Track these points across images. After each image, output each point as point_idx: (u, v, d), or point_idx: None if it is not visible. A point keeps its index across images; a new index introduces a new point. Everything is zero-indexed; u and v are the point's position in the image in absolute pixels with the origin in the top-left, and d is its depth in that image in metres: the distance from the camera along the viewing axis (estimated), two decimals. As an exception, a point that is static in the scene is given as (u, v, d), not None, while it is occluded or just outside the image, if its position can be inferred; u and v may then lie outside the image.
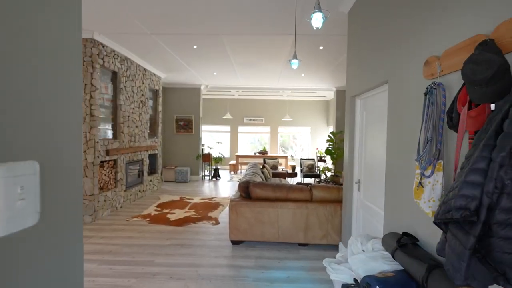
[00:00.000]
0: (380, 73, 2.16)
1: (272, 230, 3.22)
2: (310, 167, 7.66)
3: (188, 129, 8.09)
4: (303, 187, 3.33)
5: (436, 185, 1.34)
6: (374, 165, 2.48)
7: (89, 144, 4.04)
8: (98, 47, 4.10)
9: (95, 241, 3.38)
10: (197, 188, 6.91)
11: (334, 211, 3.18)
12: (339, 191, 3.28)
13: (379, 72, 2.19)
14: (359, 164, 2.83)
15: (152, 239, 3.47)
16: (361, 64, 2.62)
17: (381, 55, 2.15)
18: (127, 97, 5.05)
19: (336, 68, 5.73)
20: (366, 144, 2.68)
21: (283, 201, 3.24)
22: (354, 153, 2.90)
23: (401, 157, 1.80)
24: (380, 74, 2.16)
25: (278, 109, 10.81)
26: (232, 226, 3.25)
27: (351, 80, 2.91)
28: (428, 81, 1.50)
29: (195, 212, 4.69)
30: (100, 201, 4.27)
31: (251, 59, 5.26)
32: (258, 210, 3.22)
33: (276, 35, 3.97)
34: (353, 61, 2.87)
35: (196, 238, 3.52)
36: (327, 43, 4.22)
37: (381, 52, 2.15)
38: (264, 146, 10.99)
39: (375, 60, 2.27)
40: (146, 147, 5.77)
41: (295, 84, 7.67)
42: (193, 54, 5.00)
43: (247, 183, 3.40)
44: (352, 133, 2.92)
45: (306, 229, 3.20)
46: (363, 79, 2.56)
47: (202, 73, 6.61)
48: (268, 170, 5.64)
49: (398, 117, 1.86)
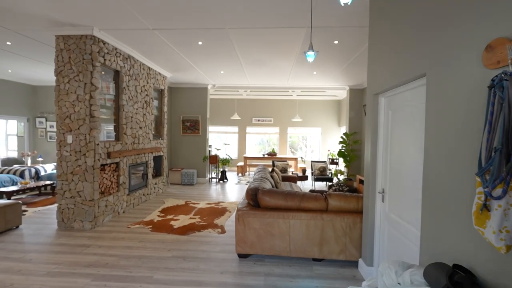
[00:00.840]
0: (415, 65, 1.81)
1: (283, 243, 2.90)
2: (322, 170, 7.28)
3: (194, 130, 7.86)
4: (318, 196, 3.00)
5: (509, 211, 1.00)
6: (403, 174, 2.12)
7: (88, 147, 3.83)
8: (98, 44, 3.89)
9: (93, 251, 3.15)
10: (204, 192, 6.65)
11: (353, 223, 2.84)
12: (358, 200, 2.93)
13: (412, 64, 1.85)
14: (383, 171, 2.47)
15: (153, 250, 3.22)
16: (387, 57, 2.27)
17: (415, 43, 1.80)
18: (130, 97, 4.83)
19: (351, 64, 5.35)
20: (392, 149, 2.33)
21: (295, 211, 2.92)
22: (377, 158, 2.54)
23: (446, 167, 1.45)
24: (414, 67, 1.81)
25: (287, 109, 10.47)
26: (238, 238, 2.95)
27: (374, 76, 2.56)
28: (490, 71, 1.15)
29: (200, 218, 4.42)
30: (100, 206, 4.05)
31: (259, 56, 4.95)
32: (267, 220, 2.90)
33: (287, 28, 3.65)
34: (376, 54, 2.52)
35: (200, 250, 3.24)
36: (343, 36, 3.86)
37: (416, 40, 1.80)
38: (273, 147, 10.66)
39: (407, 50, 1.92)
40: (150, 149, 5.55)
41: (305, 83, 7.32)
42: (199, 51, 4.74)
43: (255, 190, 3.10)
44: (374, 136, 2.57)
45: (321, 243, 2.86)
46: (389, 74, 2.21)
47: (208, 72, 6.35)
48: (278, 174, 5.32)
49: (441, 118, 1.51)
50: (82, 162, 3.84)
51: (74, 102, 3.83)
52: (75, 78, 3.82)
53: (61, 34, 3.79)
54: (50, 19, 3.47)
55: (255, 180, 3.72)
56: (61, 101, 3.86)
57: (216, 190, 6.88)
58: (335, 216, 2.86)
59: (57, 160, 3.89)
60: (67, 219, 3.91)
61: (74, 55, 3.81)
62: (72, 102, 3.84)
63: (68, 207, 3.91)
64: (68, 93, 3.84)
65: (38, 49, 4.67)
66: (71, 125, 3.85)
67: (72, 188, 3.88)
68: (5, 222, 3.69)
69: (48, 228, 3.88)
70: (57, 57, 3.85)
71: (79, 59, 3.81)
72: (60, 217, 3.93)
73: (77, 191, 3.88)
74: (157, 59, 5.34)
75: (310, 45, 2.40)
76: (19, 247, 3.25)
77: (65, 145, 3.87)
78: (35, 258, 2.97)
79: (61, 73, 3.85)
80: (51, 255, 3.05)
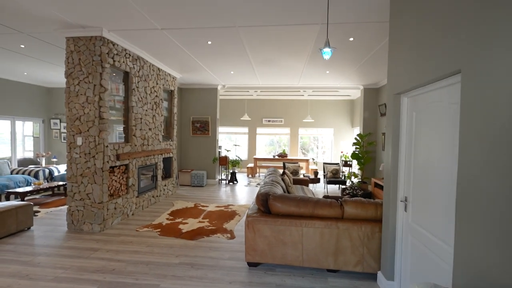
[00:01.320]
0: (446, 60, 1.62)
1: (295, 252, 2.73)
2: (335, 173, 7.04)
3: (204, 131, 7.79)
4: (333, 202, 2.82)
5: None
6: (430, 180, 1.92)
7: (98, 149, 3.80)
8: (107, 46, 3.86)
9: (100, 255, 3.10)
10: (213, 193, 6.57)
11: (372, 233, 2.64)
12: (377, 207, 2.73)
13: (443, 60, 1.65)
14: (406, 177, 2.27)
15: (161, 255, 3.13)
16: (411, 53, 2.07)
17: (448, 36, 1.60)
18: (139, 98, 4.80)
19: (366, 63, 5.11)
20: (417, 153, 2.13)
21: (309, 219, 2.75)
22: (399, 163, 2.34)
23: (488, 172, 1.26)
24: (446, 62, 1.62)
25: (298, 109, 10.26)
26: (248, 245, 2.81)
27: (395, 75, 2.36)
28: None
29: (209, 222, 4.31)
30: (110, 208, 4.02)
31: (270, 55, 4.80)
32: (279, 228, 2.75)
33: (300, 26, 3.49)
34: (397, 50, 2.32)
35: (209, 256, 3.13)
36: (359, 33, 3.66)
37: (448, 33, 1.60)
38: (284, 148, 10.47)
39: (437, 44, 1.73)
40: (160, 150, 5.50)
41: (318, 82, 7.10)
42: (208, 51, 4.64)
43: (266, 195, 2.95)
44: (396, 139, 2.37)
45: (337, 253, 2.68)
46: (414, 72, 2.01)
47: (218, 72, 6.26)
48: (289, 177, 5.14)
49: (482, 120, 1.31)
50: (92, 164, 3.82)
51: (83, 104, 3.81)
52: (84, 80, 3.80)
53: (71, 36, 3.78)
54: (60, 21, 3.46)
55: (266, 184, 3.57)
56: (71, 103, 3.85)
57: (225, 192, 6.78)
58: (351, 225, 2.67)
59: (67, 162, 3.88)
60: (77, 221, 3.90)
61: (84, 57, 3.79)
62: (82, 104, 3.82)
63: (78, 209, 3.89)
64: (78, 95, 3.83)
65: (51, 52, 4.71)
66: (81, 127, 3.83)
67: (82, 190, 3.86)
68: (16, 224, 3.71)
69: (58, 230, 3.88)
70: (67, 59, 3.85)
71: (88, 60, 3.78)
72: (70, 219, 3.92)
73: (86, 193, 3.85)
74: (166, 60, 5.29)
75: (327, 42, 2.22)
76: (29, 250, 3.24)
77: (75, 147, 3.86)
78: (43, 261, 2.94)
79: (71, 75, 3.84)
80: (59, 258, 3.01)
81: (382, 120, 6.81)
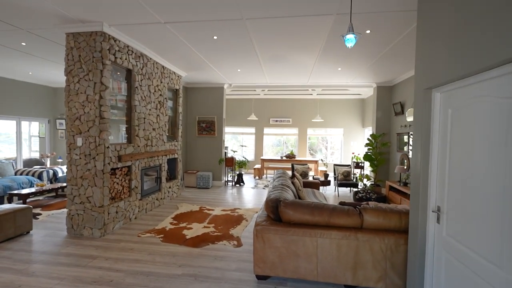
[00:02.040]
0: (494, 48, 1.33)
1: (309, 265, 2.47)
2: (346, 175, 6.72)
3: (210, 131, 7.58)
4: (351, 210, 2.54)
5: None
6: (472, 188, 1.63)
7: (98, 150, 3.61)
8: (109, 42, 3.67)
9: (99, 264, 2.90)
10: (219, 196, 6.34)
11: (396, 246, 2.35)
12: (401, 217, 2.43)
13: (489, 47, 1.36)
14: (439, 185, 1.98)
15: (162, 265, 2.91)
16: (446, 41, 1.78)
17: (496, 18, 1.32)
18: (143, 97, 4.61)
19: (383, 57, 4.79)
20: (454, 157, 1.83)
21: (324, 228, 2.48)
22: (430, 168, 2.05)
23: None
24: (494, 50, 1.33)
25: (307, 109, 9.96)
26: (257, 257, 2.55)
27: (425, 67, 2.07)
28: None
29: (214, 228, 4.08)
30: (111, 212, 3.83)
31: (279, 50, 4.54)
32: (291, 238, 2.49)
33: (312, 17, 3.22)
34: (428, 38, 2.03)
35: (213, 266, 2.89)
36: (377, 24, 3.36)
37: (497, 14, 1.32)
38: (292, 149, 10.18)
39: (481, 28, 1.44)
40: (164, 151, 5.31)
41: (328, 80, 6.80)
42: (214, 46, 4.41)
43: (276, 201, 2.69)
44: (426, 140, 2.08)
45: (355, 267, 2.40)
46: (452, 62, 1.73)
47: (224, 70, 6.04)
48: (299, 180, 4.86)
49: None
50: (92, 166, 3.63)
51: (83, 102, 3.63)
52: (84, 78, 3.63)
53: (71, 32, 3.61)
54: (59, 15, 3.28)
55: (275, 189, 3.31)
56: (71, 102, 3.68)
57: (232, 195, 6.54)
58: (372, 236, 2.38)
59: (67, 164, 3.71)
60: (77, 225, 3.72)
61: (84, 53, 3.61)
62: (82, 102, 3.64)
63: (78, 213, 3.72)
64: (78, 93, 3.65)
65: (53, 50, 4.57)
66: (81, 127, 3.65)
67: (82, 193, 3.69)
68: (15, 228, 3.56)
69: (58, 235, 3.71)
70: (67, 55, 3.68)
71: (89, 57, 3.60)
72: (69, 224, 3.74)
73: (86, 196, 3.67)
74: (171, 57, 5.09)
75: (350, 27, 1.95)
76: (25, 257, 3.07)
77: (75, 148, 3.68)
78: (39, 270, 2.76)
79: (71, 72, 3.67)
80: (55, 267, 2.82)
81: (397, 119, 6.46)
